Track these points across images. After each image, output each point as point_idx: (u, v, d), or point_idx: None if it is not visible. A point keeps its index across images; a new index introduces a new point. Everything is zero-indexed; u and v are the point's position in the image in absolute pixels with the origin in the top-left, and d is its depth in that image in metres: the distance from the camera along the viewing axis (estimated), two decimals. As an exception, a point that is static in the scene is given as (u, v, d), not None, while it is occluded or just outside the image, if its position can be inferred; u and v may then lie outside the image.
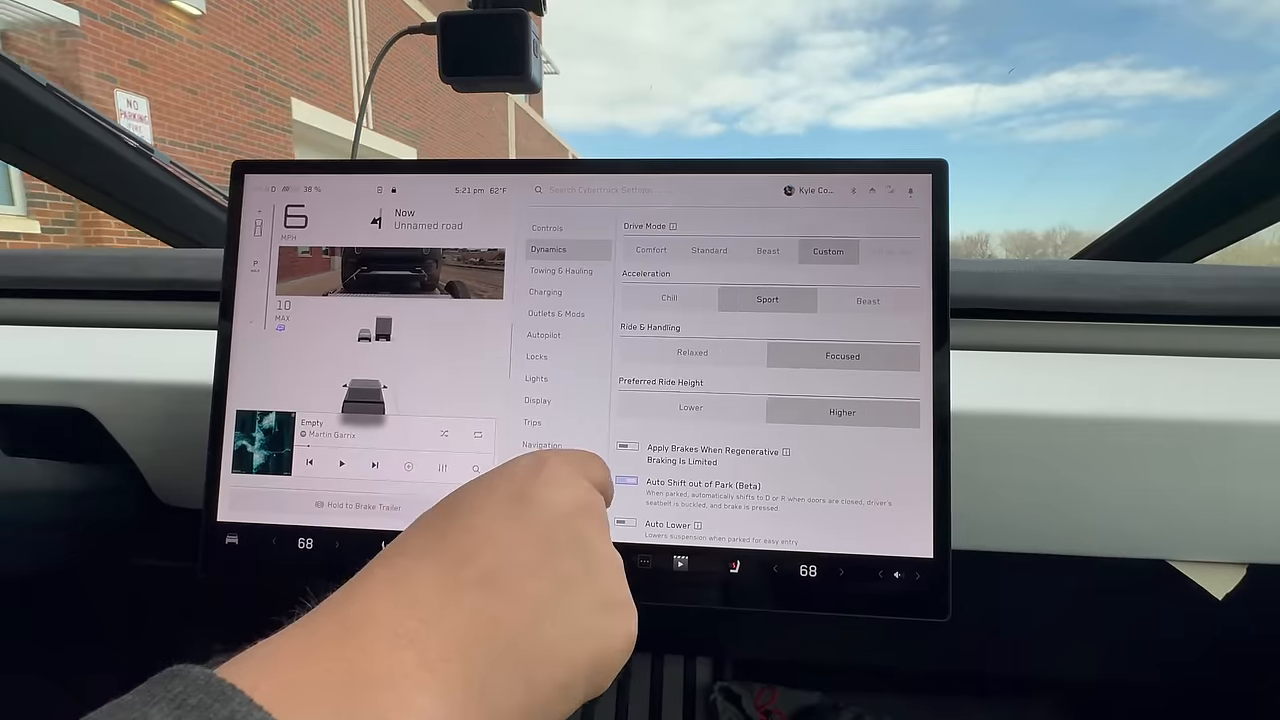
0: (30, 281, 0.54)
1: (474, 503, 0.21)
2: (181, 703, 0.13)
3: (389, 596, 0.18)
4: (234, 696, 0.14)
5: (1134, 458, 0.37)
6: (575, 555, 0.20)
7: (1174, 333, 0.43)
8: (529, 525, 0.20)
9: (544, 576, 0.20)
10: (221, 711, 0.13)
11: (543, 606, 0.19)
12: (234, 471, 0.35)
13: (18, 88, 0.63)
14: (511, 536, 0.20)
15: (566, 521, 0.21)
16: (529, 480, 0.21)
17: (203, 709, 0.13)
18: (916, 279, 0.33)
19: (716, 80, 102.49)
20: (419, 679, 0.16)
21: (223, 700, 0.13)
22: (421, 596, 0.18)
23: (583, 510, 0.22)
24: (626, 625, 0.21)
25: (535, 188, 0.36)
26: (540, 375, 0.35)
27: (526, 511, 0.20)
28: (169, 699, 0.13)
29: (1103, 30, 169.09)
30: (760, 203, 0.34)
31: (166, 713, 0.13)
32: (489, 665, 0.17)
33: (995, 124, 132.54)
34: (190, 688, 0.14)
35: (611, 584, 0.21)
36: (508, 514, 0.20)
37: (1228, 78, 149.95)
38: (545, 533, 0.20)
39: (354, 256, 0.36)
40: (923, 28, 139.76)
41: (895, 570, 0.32)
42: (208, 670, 0.14)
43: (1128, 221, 0.67)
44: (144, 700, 0.13)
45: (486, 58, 0.43)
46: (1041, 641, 0.55)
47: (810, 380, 0.33)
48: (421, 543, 0.20)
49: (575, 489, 0.22)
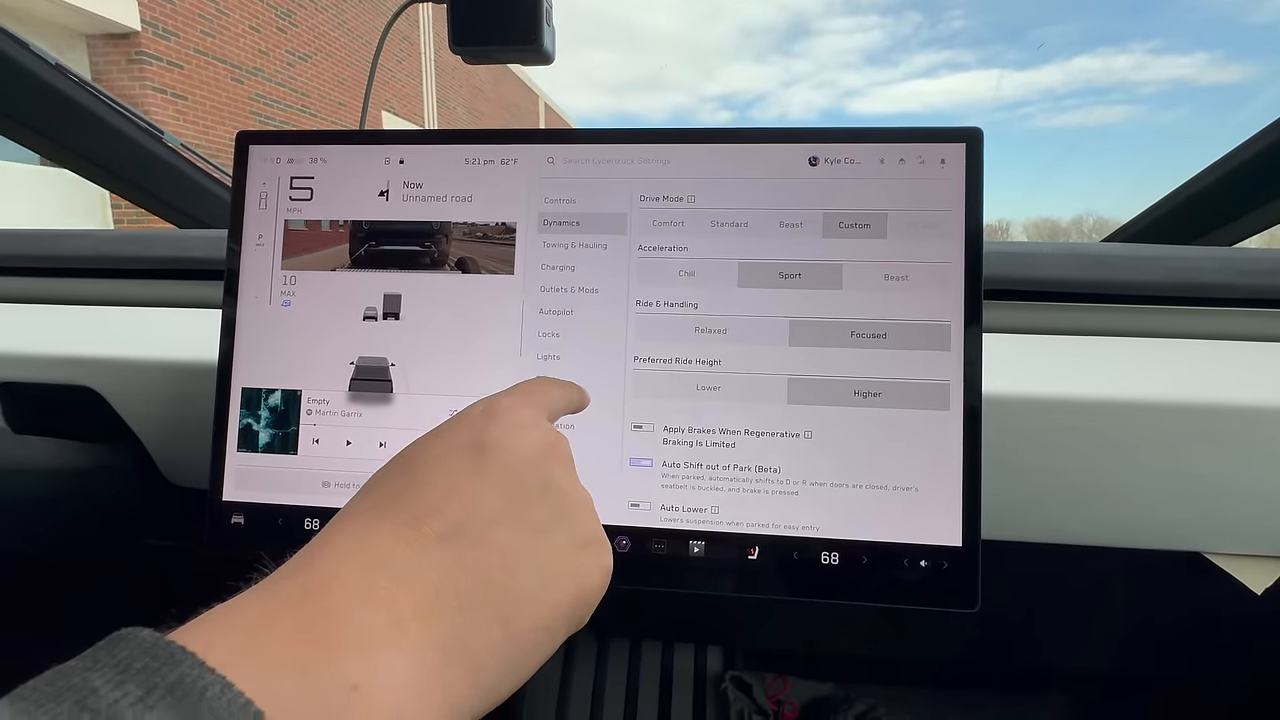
0: (37, 260, 0.54)
1: (430, 456, 0.20)
2: (126, 667, 0.12)
3: (354, 558, 0.17)
4: (184, 659, 0.13)
5: (1172, 445, 0.35)
6: (543, 499, 0.20)
7: (1215, 316, 0.41)
8: (491, 474, 0.19)
9: (513, 524, 0.19)
10: (169, 675, 0.12)
11: (515, 554, 0.18)
12: (239, 450, 0.35)
13: (27, 66, 0.62)
14: (474, 487, 0.19)
15: (531, 465, 0.20)
16: (486, 427, 0.20)
17: (149, 673, 0.12)
18: (948, 254, 0.32)
19: (729, 67, 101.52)
20: (391, 639, 0.15)
21: (171, 664, 0.12)
22: (389, 556, 0.17)
23: (546, 451, 0.21)
24: (602, 560, 0.21)
25: (548, 158, 0.34)
26: (552, 353, 0.33)
27: (488, 460, 0.20)
28: (113, 664, 0.12)
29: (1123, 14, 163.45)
30: (783, 174, 0.33)
31: (109, 678, 0.12)
32: (465, 619, 0.17)
33: (1013, 110, 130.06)
34: (136, 651, 0.13)
35: (583, 522, 0.21)
36: (468, 465, 0.19)
37: (1253, 63, 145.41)
38: (510, 480, 0.19)
39: (362, 231, 0.35)
40: (938, 12, 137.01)
41: (922, 559, 0.31)
42: (157, 633, 0.13)
43: (1158, 205, 0.64)
44: (86, 665, 0.12)
45: (497, 27, 0.42)
46: (1061, 635, 0.53)
47: (834, 360, 0.32)
48: (380, 502, 0.19)
49: (535, 429, 0.21)
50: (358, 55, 6.35)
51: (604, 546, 0.21)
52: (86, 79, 0.65)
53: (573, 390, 0.26)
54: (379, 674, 0.15)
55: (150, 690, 0.12)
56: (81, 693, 0.12)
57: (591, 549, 0.20)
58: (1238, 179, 0.56)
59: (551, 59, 0.43)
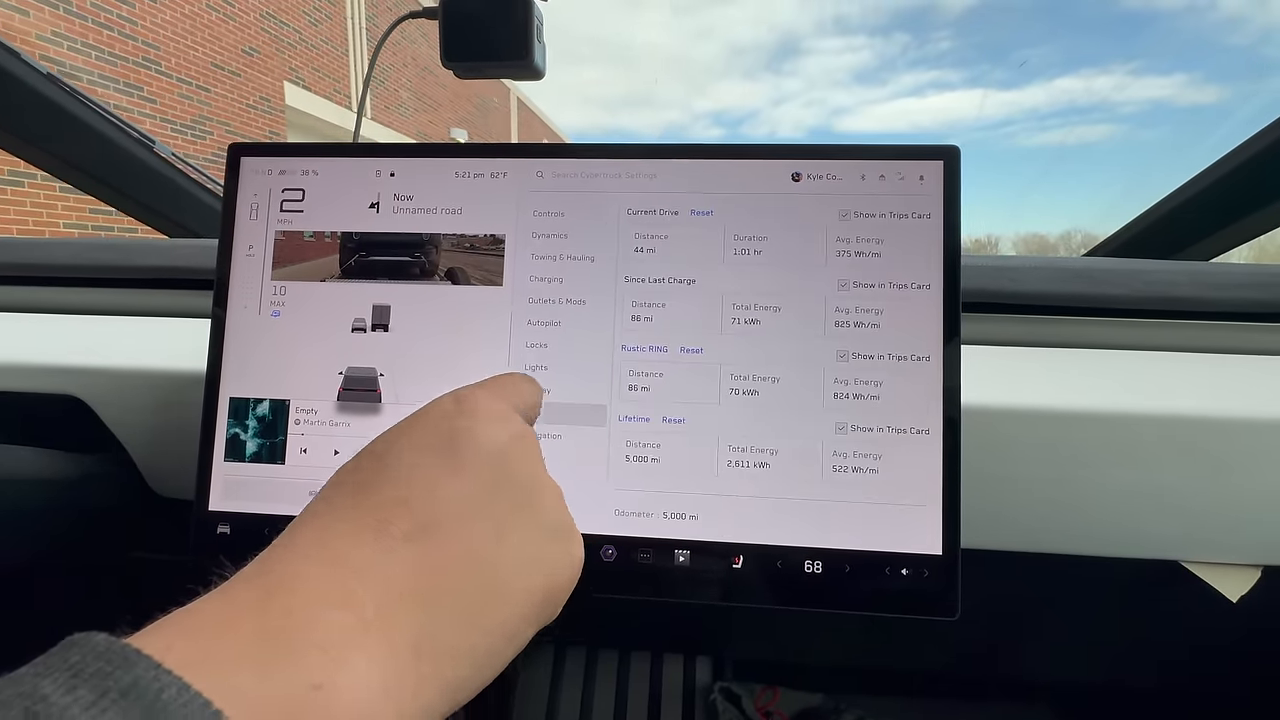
0: (22, 268, 0.54)
1: (396, 450, 0.19)
2: (78, 672, 0.12)
3: (316, 557, 0.17)
4: (138, 662, 0.12)
5: (1147, 455, 0.36)
6: (512, 491, 0.19)
7: (1190, 329, 0.42)
8: (460, 468, 0.19)
9: (482, 518, 0.19)
10: (124, 679, 0.12)
11: (484, 548, 0.18)
12: (226, 460, 0.35)
13: (19, 76, 0.62)
14: (443, 482, 0.19)
15: (499, 458, 0.20)
16: (454, 419, 0.20)
17: (101, 677, 0.12)
18: (927, 269, 0.32)
19: (719, 84, 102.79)
20: (355, 640, 0.15)
21: (125, 667, 0.12)
22: (353, 555, 0.17)
23: (514, 442, 0.20)
24: (573, 551, 0.20)
25: (537, 172, 0.35)
26: (540, 364, 0.34)
27: (456, 453, 0.19)
28: (65, 669, 0.12)
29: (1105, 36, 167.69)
30: (767, 189, 0.34)
31: (59, 683, 0.12)
32: (433, 617, 0.17)
33: (997, 129, 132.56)
34: (89, 656, 0.12)
35: (552, 512, 0.20)
36: (435, 459, 0.19)
37: (1230, 84, 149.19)
38: (478, 473, 0.19)
39: (352, 241, 0.36)
40: (926, 33, 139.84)
41: (903, 567, 0.31)
42: (111, 637, 0.13)
43: (1137, 221, 0.66)
44: (37, 671, 0.12)
45: (489, 43, 0.42)
46: (1046, 644, 0.54)
47: (816, 371, 0.32)
48: (345, 499, 0.18)
49: (505, 423, 0.21)
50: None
51: (574, 536, 0.21)
52: (78, 89, 0.65)
53: (539, 392, 0.25)
54: (342, 673, 0.14)
55: (103, 694, 0.12)
56: (31, 699, 0.11)
57: (561, 539, 0.20)
58: (1213, 195, 0.57)
59: (542, 74, 0.43)
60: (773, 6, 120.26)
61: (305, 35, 5.63)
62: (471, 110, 9.24)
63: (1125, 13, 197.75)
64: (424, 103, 7.65)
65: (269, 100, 5.24)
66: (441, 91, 8.05)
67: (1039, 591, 0.48)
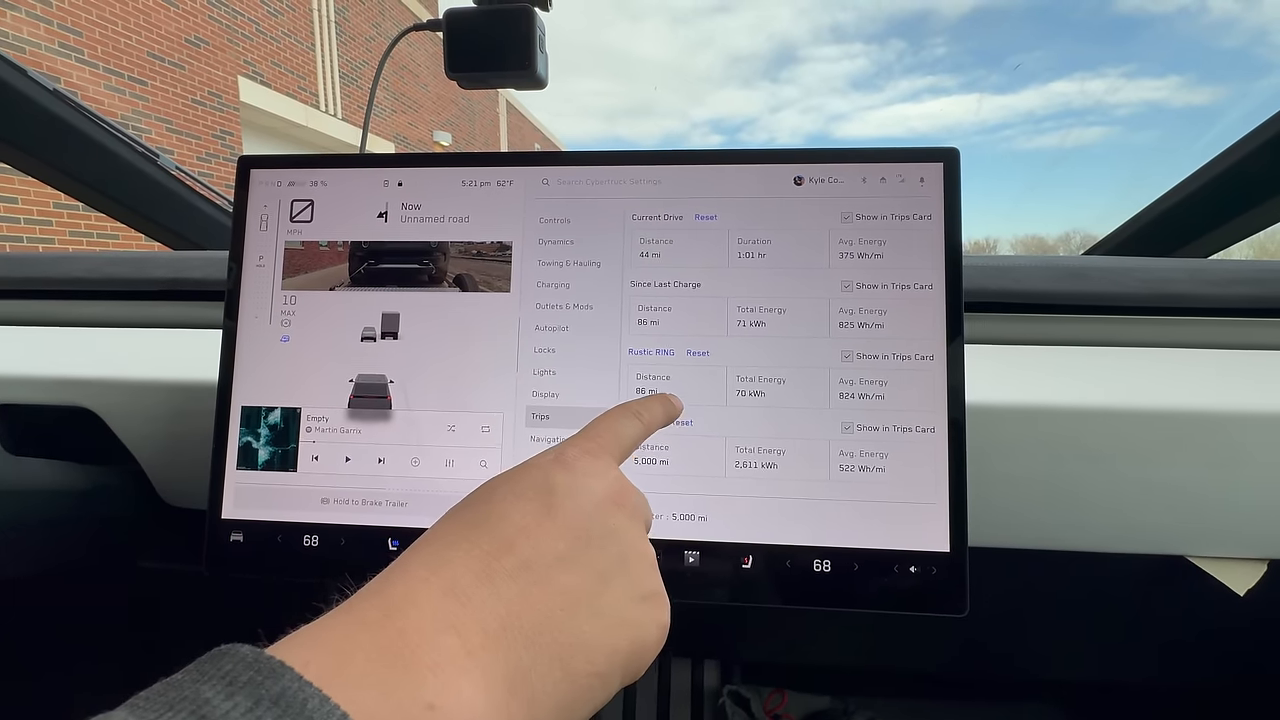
0: (35, 282, 0.54)
1: (504, 494, 0.21)
2: (233, 680, 0.13)
3: (428, 582, 0.18)
4: (284, 673, 0.13)
5: (1151, 451, 0.36)
6: (607, 548, 0.20)
7: (1188, 325, 0.42)
8: (559, 519, 0.20)
9: (577, 570, 0.19)
10: (273, 688, 0.13)
11: (578, 598, 0.19)
12: (239, 468, 0.35)
13: (24, 92, 0.63)
14: (542, 530, 0.20)
15: (596, 514, 0.21)
16: (554, 473, 0.21)
17: (254, 685, 0.13)
18: (929, 270, 0.33)
19: (717, 93, 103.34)
20: (462, 664, 0.16)
21: (273, 677, 0.13)
22: (460, 583, 0.18)
23: (612, 500, 0.21)
24: (659, 616, 0.21)
25: (543, 180, 0.35)
26: (548, 369, 0.34)
27: (556, 505, 0.20)
28: (219, 676, 0.13)
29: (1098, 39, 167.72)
30: (770, 194, 0.34)
31: (218, 689, 0.13)
32: (527, 654, 0.17)
33: (993, 132, 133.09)
34: (240, 665, 0.13)
35: (645, 576, 0.21)
36: (537, 508, 0.20)
37: (1223, 85, 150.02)
38: (576, 526, 0.20)
39: (361, 250, 0.36)
40: (921, 39, 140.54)
41: (911, 565, 0.31)
42: (256, 649, 0.14)
43: (1136, 219, 0.66)
44: (194, 678, 0.13)
45: (493, 54, 0.43)
46: (1054, 642, 0.54)
47: (822, 372, 0.33)
48: (457, 531, 0.20)
49: (602, 479, 0.22)
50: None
51: (662, 602, 0.22)
52: (83, 104, 0.66)
53: (654, 410, 0.26)
54: (452, 696, 0.15)
55: (258, 702, 0.13)
56: (195, 703, 0.12)
57: (650, 603, 0.21)
58: (1210, 192, 0.58)
59: (544, 84, 0.44)
60: (770, 16, 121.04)
61: (264, 26, 5.07)
62: (456, 113, 8.74)
63: (1118, 16, 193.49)
64: (403, 103, 7.12)
65: (220, 96, 4.70)
66: (422, 93, 7.58)
67: (1045, 588, 0.48)
